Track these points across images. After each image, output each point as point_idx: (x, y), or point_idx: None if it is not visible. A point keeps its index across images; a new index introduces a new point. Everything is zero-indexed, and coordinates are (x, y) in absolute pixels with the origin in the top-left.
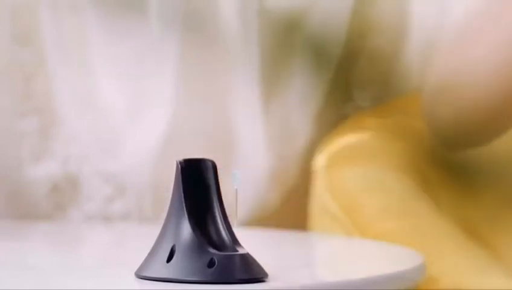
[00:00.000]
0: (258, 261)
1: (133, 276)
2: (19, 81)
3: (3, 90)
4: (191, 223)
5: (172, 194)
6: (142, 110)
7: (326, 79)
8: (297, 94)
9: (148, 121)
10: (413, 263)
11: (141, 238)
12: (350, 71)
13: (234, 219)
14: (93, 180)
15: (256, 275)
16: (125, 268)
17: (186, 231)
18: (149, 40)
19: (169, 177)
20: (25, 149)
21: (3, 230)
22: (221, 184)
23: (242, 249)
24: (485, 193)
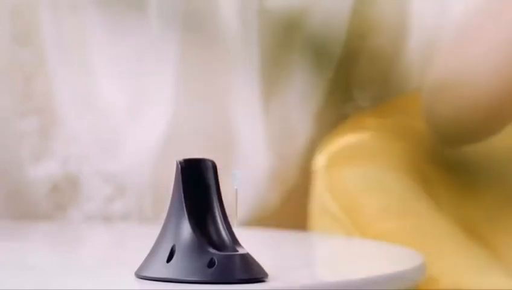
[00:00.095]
0: (258, 261)
1: (133, 276)
2: (19, 81)
3: (3, 90)
4: (191, 223)
5: (172, 194)
6: (142, 110)
7: (326, 79)
8: (297, 94)
9: (148, 121)
10: (413, 263)
11: (141, 238)
12: (350, 71)
13: (234, 219)
14: (93, 180)
15: (256, 275)
16: (125, 268)
17: (186, 231)
18: (149, 40)
19: (169, 177)
20: (25, 149)
21: (3, 230)
22: (221, 184)
23: (242, 249)
24: (485, 192)
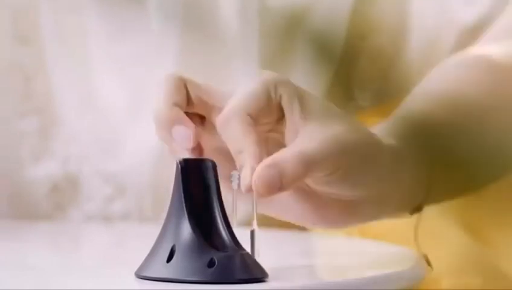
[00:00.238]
0: (258, 261)
1: (133, 276)
2: (19, 81)
3: (3, 90)
4: (191, 223)
5: (172, 194)
6: (142, 110)
7: (327, 78)
8: None
9: (148, 121)
10: (413, 263)
11: (141, 238)
12: (350, 71)
13: (234, 219)
14: (93, 180)
15: (256, 275)
16: (125, 268)
17: (186, 231)
18: (149, 40)
19: (169, 177)
20: (25, 149)
21: (3, 230)
22: (221, 184)
23: (242, 249)
24: (486, 192)
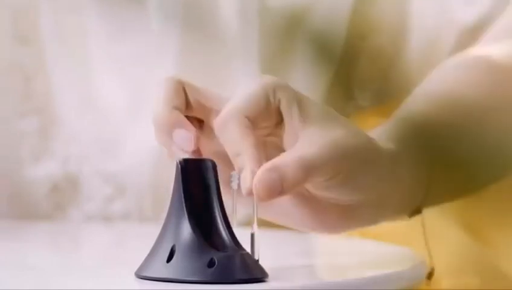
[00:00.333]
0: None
1: (133, 276)
2: (19, 81)
3: (3, 90)
4: (191, 223)
5: (172, 194)
6: (142, 110)
7: (327, 78)
8: None
9: (148, 121)
10: (413, 263)
11: (141, 238)
12: (350, 71)
13: (234, 219)
14: (93, 180)
15: (256, 275)
16: (125, 268)
17: (186, 231)
18: (149, 39)
19: (169, 177)
20: (25, 149)
21: (3, 230)
22: (221, 184)
23: (242, 249)
24: (486, 192)
